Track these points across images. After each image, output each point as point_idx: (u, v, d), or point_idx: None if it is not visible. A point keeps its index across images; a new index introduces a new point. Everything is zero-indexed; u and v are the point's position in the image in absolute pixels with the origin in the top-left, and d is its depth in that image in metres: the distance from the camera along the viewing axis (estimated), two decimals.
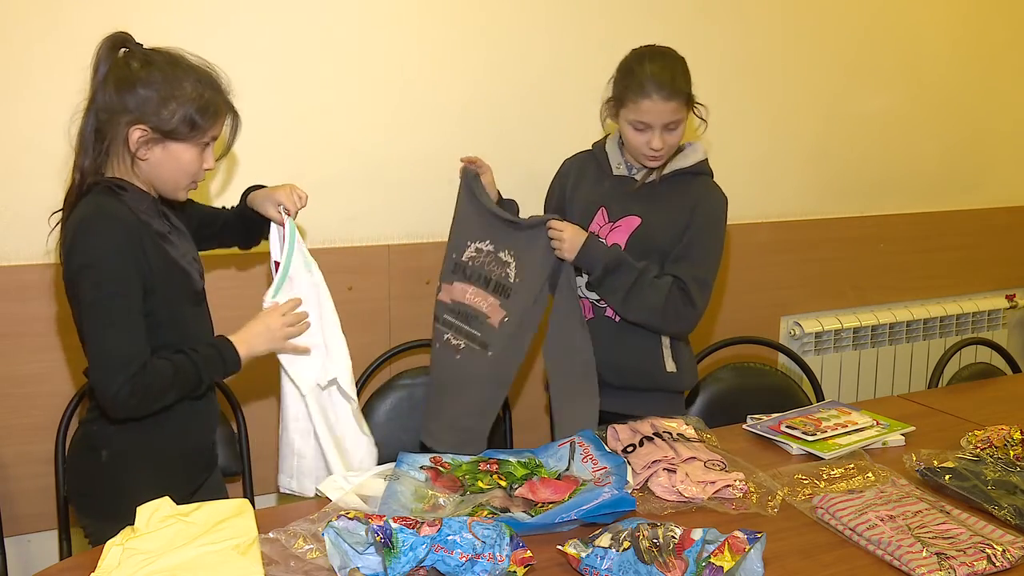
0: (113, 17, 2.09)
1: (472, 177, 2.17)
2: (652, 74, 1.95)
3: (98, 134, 1.56)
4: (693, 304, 2.00)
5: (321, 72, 2.35)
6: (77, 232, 1.52)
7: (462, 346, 2.09)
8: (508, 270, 2.05)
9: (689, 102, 2.00)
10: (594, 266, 1.98)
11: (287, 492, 1.84)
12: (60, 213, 1.61)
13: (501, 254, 2.07)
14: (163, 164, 1.59)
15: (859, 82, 3.16)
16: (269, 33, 2.27)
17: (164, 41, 2.10)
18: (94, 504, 1.67)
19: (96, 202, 1.55)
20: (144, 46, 1.59)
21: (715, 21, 2.85)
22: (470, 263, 2.12)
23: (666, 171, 2.06)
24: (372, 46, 2.40)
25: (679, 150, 2.09)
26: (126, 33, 1.59)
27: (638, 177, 2.09)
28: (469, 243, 2.13)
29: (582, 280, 2.06)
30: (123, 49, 1.57)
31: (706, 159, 2.11)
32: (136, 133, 1.54)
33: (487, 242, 2.10)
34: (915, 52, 3.26)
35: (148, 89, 1.53)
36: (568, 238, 1.97)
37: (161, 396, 1.57)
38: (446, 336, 2.13)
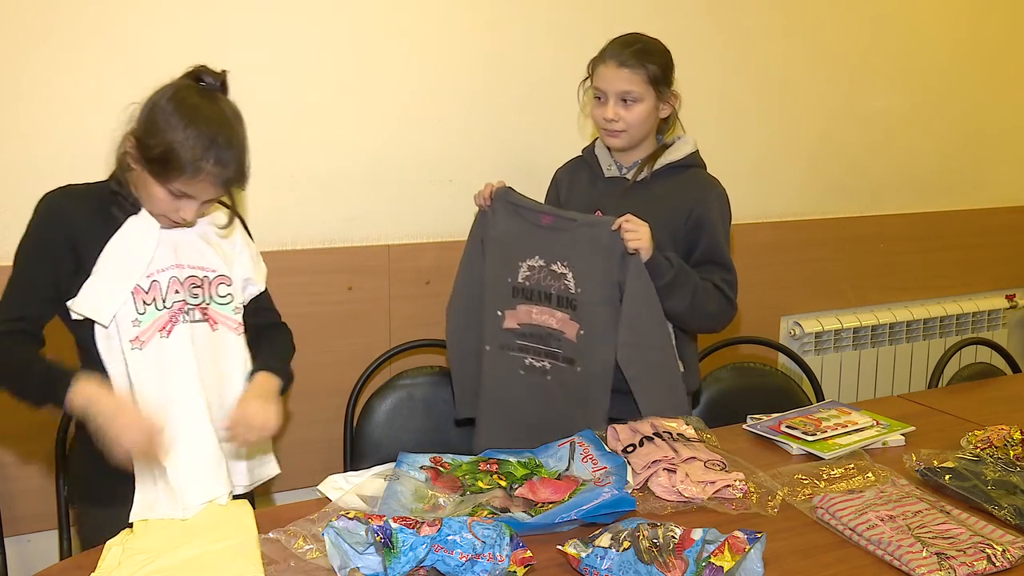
0: (117, 17, 2.10)
1: (506, 191, 2.07)
2: (612, 44, 2.02)
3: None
4: (733, 304, 2.03)
5: (322, 72, 2.35)
6: None
7: (548, 367, 2.03)
8: (566, 281, 1.99)
9: (653, 81, 1.98)
10: (661, 276, 1.92)
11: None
12: None
13: (554, 266, 2.01)
14: (139, 185, 1.58)
15: (860, 82, 3.17)
16: (269, 33, 2.27)
17: (160, 38, 2.14)
18: (89, 491, 1.70)
19: (65, 186, 1.62)
20: (218, 89, 1.60)
21: (716, 21, 2.85)
22: (527, 283, 2.04)
23: (656, 166, 2.05)
24: (372, 46, 2.40)
25: (668, 144, 2.08)
26: (217, 72, 1.60)
27: (629, 176, 2.08)
28: (520, 263, 2.04)
29: None
30: (201, 82, 1.59)
31: (697, 151, 2.09)
32: (128, 143, 1.56)
33: (536, 258, 2.02)
34: (916, 52, 3.26)
35: (156, 113, 1.53)
36: (646, 235, 1.90)
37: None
38: (528, 361, 2.05)
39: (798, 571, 1.42)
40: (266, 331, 1.81)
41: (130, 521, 1.52)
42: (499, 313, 2.07)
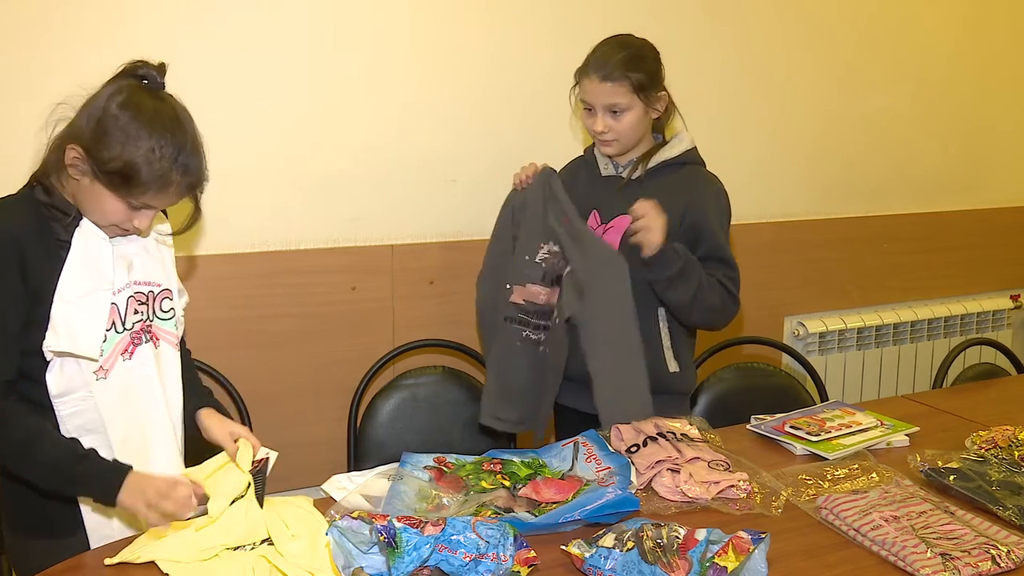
0: (118, 15, 2.10)
1: (550, 173, 2.12)
2: (595, 55, 2.00)
3: (64, 130, 1.47)
4: (736, 300, 2.02)
5: (325, 72, 2.35)
6: None
7: (543, 338, 2.09)
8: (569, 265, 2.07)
9: (638, 89, 1.96)
10: (670, 266, 1.92)
11: None
12: None
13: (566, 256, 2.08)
14: (85, 195, 1.46)
15: (862, 82, 3.16)
16: (273, 33, 2.27)
17: (168, 38, 2.14)
18: (26, 521, 1.58)
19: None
20: (162, 87, 1.48)
21: (717, 21, 2.85)
22: (543, 264, 2.09)
23: (651, 164, 2.05)
24: (376, 47, 2.40)
25: (664, 143, 2.07)
26: (157, 67, 1.49)
27: (624, 174, 2.08)
28: (541, 244, 2.09)
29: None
30: (144, 80, 1.47)
31: (693, 148, 2.08)
32: (72, 153, 1.42)
33: (551, 243, 2.08)
34: (919, 51, 3.26)
35: (108, 121, 1.41)
36: (659, 228, 1.88)
37: (9, 449, 1.43)
38: (525, 333, 2.11)
39: (802, 571, 1.41)
40: (184, 357, 1.70)
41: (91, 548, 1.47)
42: (508, 287, 2.12)
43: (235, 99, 2.25)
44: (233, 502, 1.50)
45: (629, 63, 1.96)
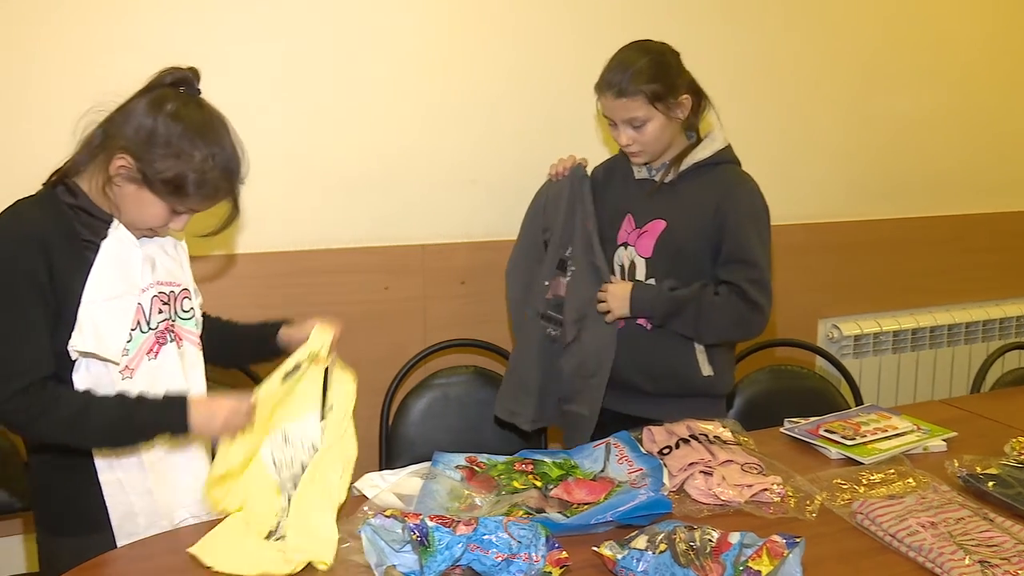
0: (146, 17, 2.13)
1: (582, 176, 2.15)
2: (608, 69, 1.98)
3: (103, 138, 1.51)
4: (757, 307, 1.96)
5: (357, 75, 2.37)
6: None
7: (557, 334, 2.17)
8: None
9: (655, 99, 1.94)
10: (653, 314, 2.01)
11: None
12: None
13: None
14: (128, 201, 1.50)
15: (895, 82, 3.12)
16: (302, 34, 2.29)
17: (200, 40, 2.16)
18: (43, 515, 1.61)
19: (12, 207, 1.49)
20: (198, 93, 1.54)
21: (741, 21, 2.83)
22: (569, 259, 2.15)
23: (684, 166, 2.03)
24: (405, 48, 2.41)
25: (697, 142, 2.05)
26: (195, 72, 1.54)
27: (657, 178, 2.06)
28: (573, 238, 2.16)
29: None
30: (182, 86, 1.53)
31: (727, 147, 2.05)
32: (120, 161, 1.47)
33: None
34: (951, 51, 3.21)
35: (159, 134, 1.46)
36: (615, 306, 2.03)
37: (66, 427, 1.44)
38: (548, 330, 2.16)
39: None
40: (219, 320, 1.82)
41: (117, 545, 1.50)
42: (545, 283, 2.16)
43: (268, 101, 2.28)
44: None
45: (642, 75, 1.93)
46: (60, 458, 1.54)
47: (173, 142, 1.46)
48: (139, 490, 1.54)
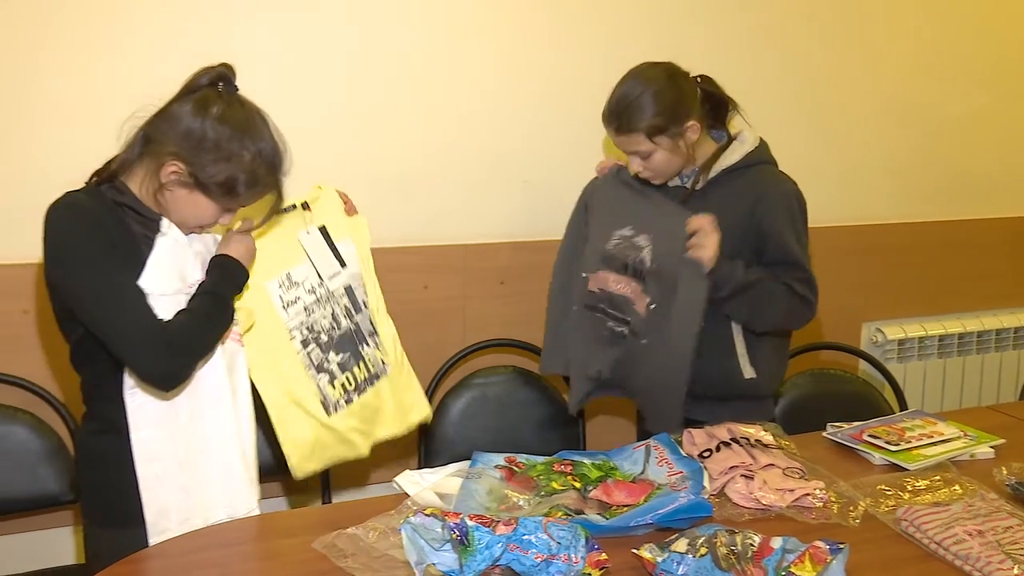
0: (187, 17, 2.16)
1: (621, 167, 2.14)
2: (608, 106, 1.97)
3: (145, 141, 1.54)
4: (807, 301, 1.98)
5: (402, 74, 2.38)
6: (47, 228, 1.49)
7: (626, 332, 2.07)
8: (643, 255, 2.01)
9: (655, 132, 1.91)
10: (726, 284, 1.92)
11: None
12: None
13: (638, 239, 2.03)
14: (180, 204, 1.55)
15: (945, 81, 3.07)
16: (346, 34, 2.31)
17: (249, 39, 2.19)
18: (85, 507, 1.66)
19: (66, 196, 1.52)
20: (236, 90, 1.58)
21: (796, 18, 2.80)
22: (613, 250, 2.08)
23: (713, 172, 2.01)
24: (448, 48, 2.42)
25: (728, 143, 2.03)
26: (230, 69, 1.57)
27: (688, 185, 2.04)
28: (615, 232, 2.08)
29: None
30: (220, 83, 1.56)
31: (759, 147, 2.02)
32: (171, 168, 1.52)
33: (628, 227, 2.05)
34: (1005, 51, 3.15)
35: (209, 139, 1.51)
36: (713, 246, 1.88)
37: (199, 345, 1.53)
38: (608, 324, 2.10)
39: None
40: None
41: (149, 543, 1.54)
42: (584, 275, 2.12)
43: (311, 100, 2.30)
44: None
45: (639, 112, 1.91)
46: (104, 451, 1.58)
47: (223, 145, 1.51)
48: (174, 486, 1.56)
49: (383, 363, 1.96)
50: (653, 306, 1.99)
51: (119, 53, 2.12)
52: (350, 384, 1.88)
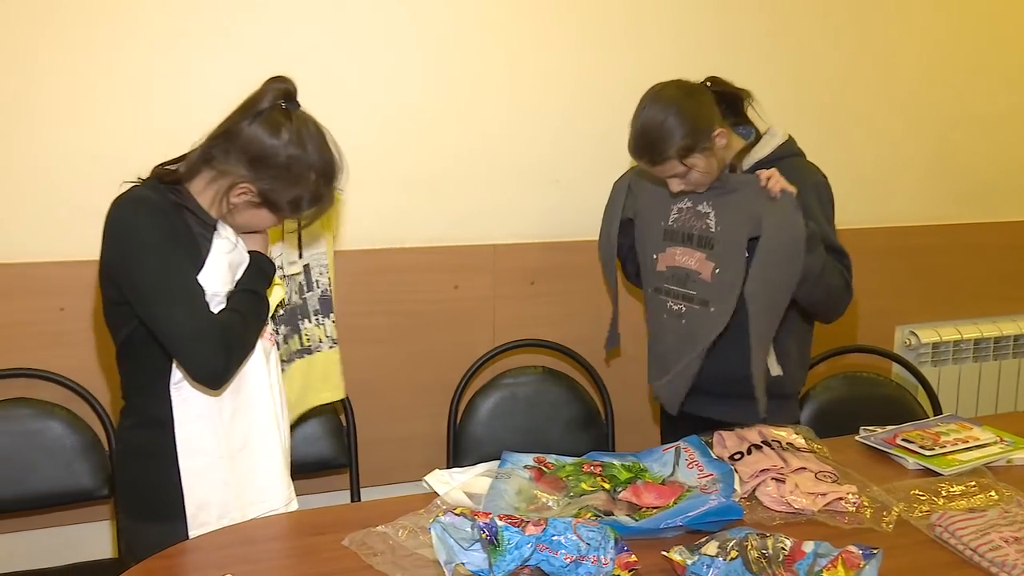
0: (238, 21, 2.18)
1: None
2: (633, 140, 1.93)
3: (208, 157, 1.57)
4: (850, 288, 1.98)
5: (431, 74, 2.39)
6: (113, 220, 1.53)
7: (683, 310, 2.04)
8: (708, 220, 1.99)
9: (686, 153, 1.88)
10: (816, 262, 1.90)
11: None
12: None
13: (700, 207, 2.01)
14: (245, 217, 1.62)
15: (982, 79, 3.03)
16: (378, 35, 2.32)
17: (282, 41, 2.21)
18: (125, 501, 1.68)
19: (132, 191, 1.56)
20: (299, 107, 1.61)
21: (831, 15, 2.77)
22: (674, 225, 2.06)
23: (745, 165, 2.00)
24: (479, 50, 2.42)
25: (756, 140, 2.01)
26: (292, 84, 1.61)
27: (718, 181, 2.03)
28: (672, 207, 2.07)
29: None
30: (283, 102, 1.59)
31: (788, 140, 2.02)
32: (242, 190, 1.57)
33: (686, 200, 2.03)
34: None
35: (279, 166, 1.55)
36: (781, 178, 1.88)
37: (248, 344, 1.59)
38: (668, 304, 2.07)
39: None
40: None
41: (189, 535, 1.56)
42: (654, 257, 2.10)
43: (342, 102, 2.31)
44: None
45: (663, 144, 1.87)
46: (143, 445, 1.60)
47: (294, 169, 1.56)
48: (216, 480, 1.59)
49: (320, 340, 1.98)
50: (718, 270, 1.96)
51: (175, 56, 2.15)
52: (285, 355, 1.91)
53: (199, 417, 1.57)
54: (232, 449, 1.60)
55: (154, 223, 1.51)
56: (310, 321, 1.95)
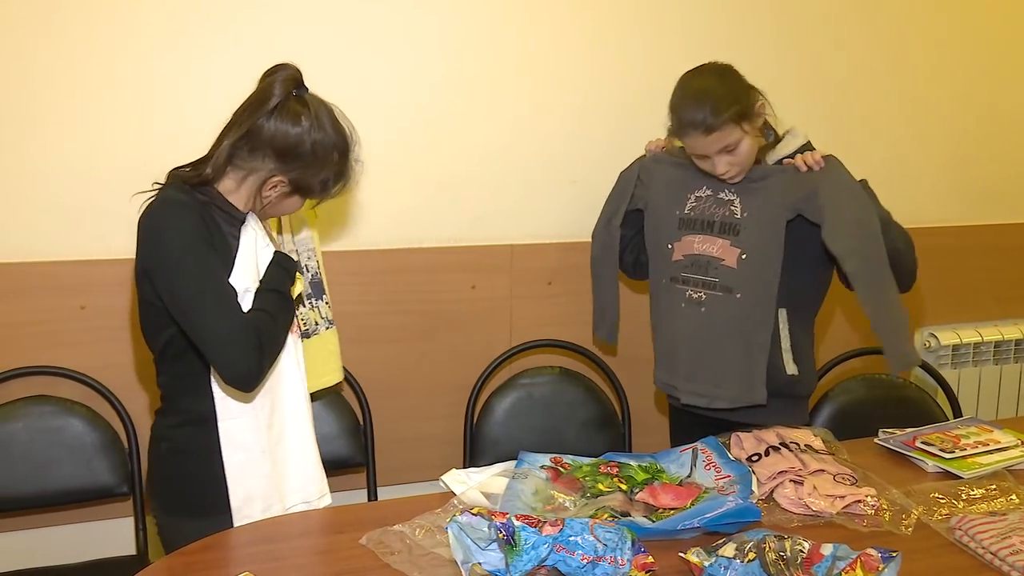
0: (255, 19, 2.19)
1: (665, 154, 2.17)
2: (685, 113, 1.91)
3: (232, 155, 1.59)
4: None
5: (448, 74, 2.39)
6: (150, 225, 1.55)
7: (704, 297, 2.02)
8: (732, 207, 1.98)
9: (741, 118, 1.88)
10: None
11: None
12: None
13: (722, 194, 2.00)
14: (278, 206, 1.68)
15: (1005, 77, 3.00)
16: (396, 34, 2.33)
17: (297, 40, 2.21)
18: (165, 499, 1.70)
19: (164, 194, 1.58)
20: (307, 90, 1.64)
21: (853, 13, 2.75)
22: (692, 213, 2.05)
23: (770, 161, 2.00)
24: (495, 50, 2.42)
25: (776, 140, 2.01)
26: (297, 70, 1.63)
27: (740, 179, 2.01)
28: (689, 195, 2.06)
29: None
30: (294, 91, 1.61)
31: (808, 143, 2.02)
32: (274, 183, 1.62)
33: (704, 188, 2.03)
34: None
35: (306, 154, 1.59)
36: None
37: (279, 344, 1.63)
38: (687, 292, 2.04)
39: None
40: None
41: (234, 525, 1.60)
42: (669, 247, 2.08)
43: (361, 100, 2.31)
44: None
45: (723, 103, 1.87)
46: (185, 443, 1.64)
47: (319, 153, 1.61)
48: (258, 473, 1.63)
49: (316, 323, 2.01)
50: (745, 256, 1.95)
51: (181, 53, 2.16)
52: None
53: (240, 413, 1.62)
54: (271, 443, 1.65)
55: (187, 226, 1.53)
56: (304, 306, 1.98)
